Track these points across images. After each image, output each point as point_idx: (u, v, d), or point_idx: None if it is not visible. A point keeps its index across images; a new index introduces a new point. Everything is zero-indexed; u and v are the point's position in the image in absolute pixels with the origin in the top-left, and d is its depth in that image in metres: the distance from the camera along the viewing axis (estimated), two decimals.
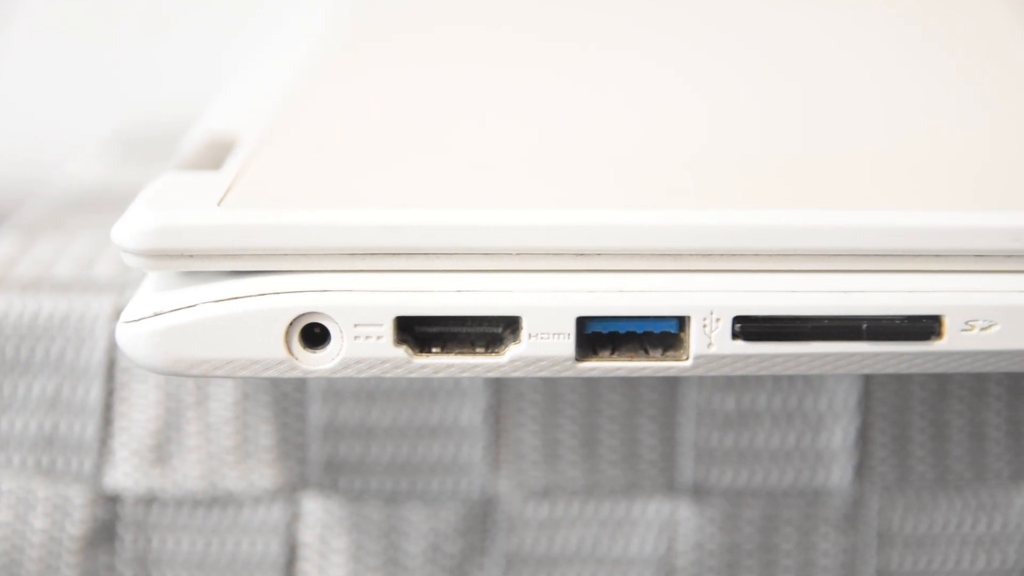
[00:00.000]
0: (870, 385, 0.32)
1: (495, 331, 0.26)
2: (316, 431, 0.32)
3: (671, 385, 0.32)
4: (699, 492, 0.32)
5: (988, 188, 0.28)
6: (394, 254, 0.26)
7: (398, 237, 0.26)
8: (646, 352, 0.27)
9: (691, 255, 0.26)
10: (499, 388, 0.32)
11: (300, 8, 0.41)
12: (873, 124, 0.31)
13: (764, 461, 0.32)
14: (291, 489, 0.32)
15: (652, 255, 0.26)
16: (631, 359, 0.27)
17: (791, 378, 0.32)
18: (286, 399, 0.32)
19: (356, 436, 0.32)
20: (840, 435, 0.32)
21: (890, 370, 0.27)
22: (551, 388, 0.32)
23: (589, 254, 0.26)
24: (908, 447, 0.32)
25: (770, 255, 0.26)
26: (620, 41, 0.36)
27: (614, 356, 0.27)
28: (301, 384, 0.32)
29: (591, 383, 0.32)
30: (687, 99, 0.33)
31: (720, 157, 0.29)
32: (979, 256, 0.26)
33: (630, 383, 0.32)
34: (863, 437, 0.32)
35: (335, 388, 0.32)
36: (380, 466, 0.32)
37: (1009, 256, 0.26)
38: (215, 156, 0.30)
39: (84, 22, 0.56)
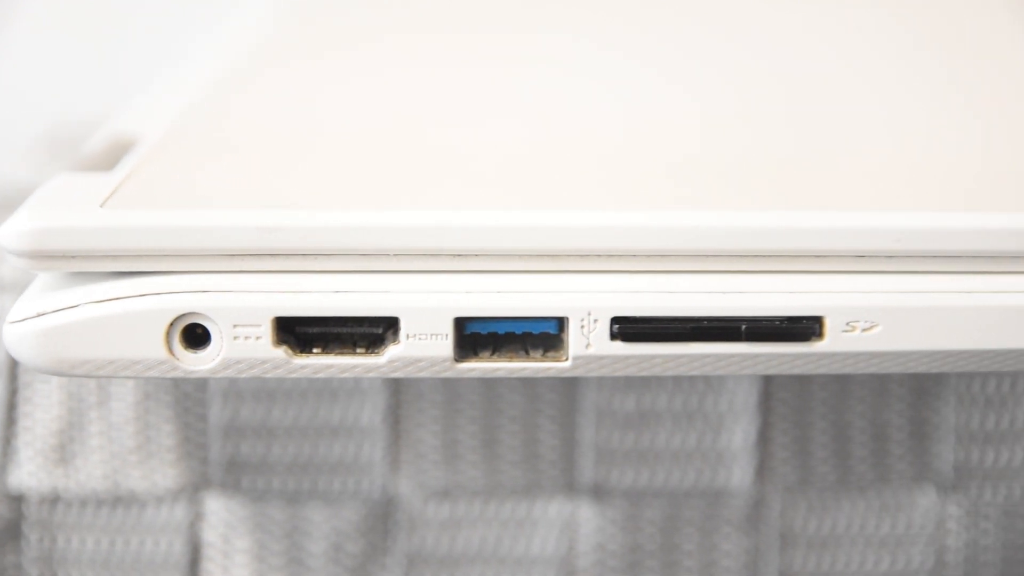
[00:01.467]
0: (770, 385, 0.32)
1: (375, 332, 0.26)
2: (218, 431, 0.32)
3: (571, 385, 0.32)
4: (599, 492, 0.32)
5: (890, 188, 0.28)
6: (272, 255, 0.26)
7: (275, 238, 0.26)
8: (527, 353, 0.27)
9: (570, 256, 0.26)
10: (398, 388, 0.32)
11: (231, 15, 0.41)
12: (783, 122, 0.31)
13: (665, 461, 0.32)
14: (193, 489, 0.32)
15: (531, 256, 0.26)
16: (511, 360, 0.27)
17: (691, 378, 0.32)
18: (187, 399, 0.32)
19: (257, 436, 0.32)
20: (741, 435, 0.32)
21: (772, 371, 0.26)
22: (451, 388, 0.32)
23: (466, 255, 0.26)
24: (809, 448, 0.32)
25: (648, 256, 0.26)
26: (534, 37, 0.36)
27: (494, 357, 0.27)
28: (202, 384, 0.32)
29: (490, 383, 0.32)
30: (599, 95, 0.33)
31: (617, 157, 0.29)
32: (860, 257, 0.26)
33: (529, 383, 0.32)
34: (764, 437, 0.32)
35: (236, 388, 0.32)
36: (282, 466, 0.32)
37: (891, 257, 0.26)
38: (111, 157, 0.30)
39: (29, 22, 0.56)
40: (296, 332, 0.27)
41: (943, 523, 0.33)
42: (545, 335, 0.26)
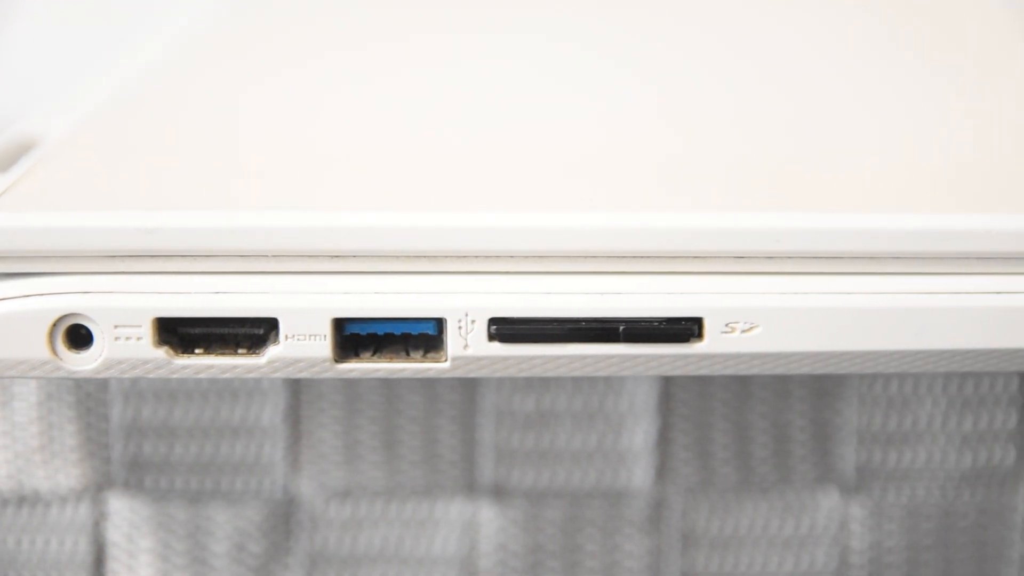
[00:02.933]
0: (670, 386, 0.32)
1: (257, 332, 0.26)
2: (120, 431, 0.32)
3: (471, 386, 0.32)
4: (500, 493, 0.32)
5: (777, 188, 0.28)
6: (153, 256, 0.26)
7: (155, 239, 0.26)
8: (408, 354, 0.27)
9: (448, 257, 0.26)
10: (299, 388, 0.32)
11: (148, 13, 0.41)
12: (680, 122, 0.31)
13: (565, 462, 0.32)
14: (97, 488, 0.33)
15: (409, 257, 0.26)
16: (391, 360, 0.27)
17: (591, 379, 0.32)
18: (89, 399, 0.32)
19: (159, 436, 0.32)
20: (641, 436, 0.32)
21: (652, 372, 0.26)
22: (351, 388, 0.32)
23: (344, 256, 0.26)
24: (711, 448, 0.32)
25: (526, 257, 0.26)
26: (464, 37, 0.36)
27: (375, 357, 0.27)
28: (104, 384, 0.32)
29: (390, 383, 0.32)
30: (509, 94, 0.32)
31: (501, 157, 0.29)
32: (740, 258, 0.26)
33: (428, 384, 0.32)
34: (664, 438, 0.32)
35: (137, 388, 0.32)
36: (184, 466, 0.32)
37: (771, 258, 0.26)
38: (9, 158, 0.30)
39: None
40: (179, 333, 0.27)
41: (846, 524, 0.33)
42: (425, 336, 0.27)
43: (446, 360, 0.26)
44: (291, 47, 0.37)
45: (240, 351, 0.27)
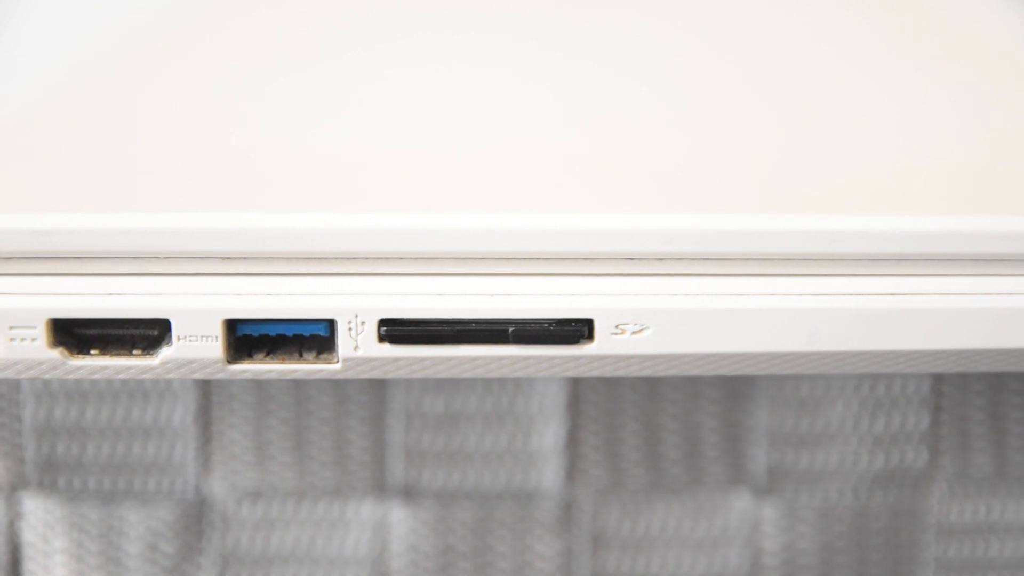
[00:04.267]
0: (579, 387, 0.32)
1: (151, 333, 0.27)
2: (32, 431, 0.32)
3: (380, 387, 0.32)
4: (410, 494, 0.32)
5: (672, 190, 0.28)
6: (48, 258, 0.26)
7: (48, 241, 0.26)
8: (302, 355, 0.27)
9: (338, 258, 0.26)
10: (210, 389, 0.32)
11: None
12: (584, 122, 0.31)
13: (475, 463, 0.32)
14: (11, 488, 0.33)
15: (301, 259, 0.26)
16: (282, 362, 0.27)
17: (500, 380, 0.32)
18: (2, 399, 0.32)
19: (72, 436, 0.32)
20: (550, 437, 0.32)
21: (544, 373, 0.27)
22: (262, 389, 0.32)
23: (236, 257, 0.26)
24: (621, 450, 0.32)
25: (416, 259, 0.26)
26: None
27: (267, 358, 0.27)
28: (16, 384, 0.32)
29: (302, 384, 0.32)
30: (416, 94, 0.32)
31: (395, 160, 0.29)
32: (630, 259, 0.26)
33: (339, 385, 0.32)
34: (574, 439, 0.32)
35: (50, 389, 0.32)
36: (96, 466, 0.32)
37: (661, 259, 0.26)
38: None
39: None
40: (75, 334, 0.27)
41: (759, 526, 0.33)
42: (318, 337, 0.27)
43: (337, 361, 0.27)
44: (187, 49, 0.36)
45: (135, 352, 0.27)
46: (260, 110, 0.31)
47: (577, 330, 0.26)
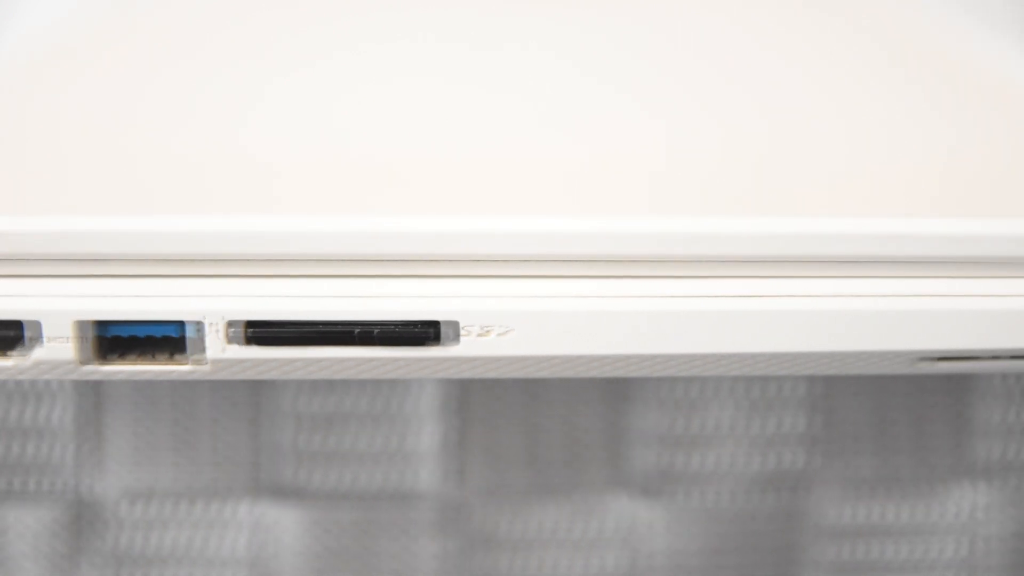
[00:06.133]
0: (459, 389, 0.32)
1: (8, 334, 0.27)
2: None
3: (263, 387, 0.32)
4: (291, 494, 0.33)
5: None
6: None
7: None
8: (170, 356, 0.27)
9: (190, 260, 0.26)
10: (96, 389, 0.32)
11: None
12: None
13: (357, 463, 0.32)
14: None
15: (155, 260, 0.26)
16: (136, 363, 0.27)
17: (379, 380, 0.32)
18: None
19: None
20: (429, 438, 0.32)
21: (413, 375, 0.27)
22: (147, 389, 0.32)
23: (93, 259, 0.26)
24: (501, 451, 0.32)
25: (268, 260, 0.26)
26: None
27: (122, 360, 0.27)
28: None
29: (189, 385, 0.32)
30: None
31: (256, 160, 0.29)
32: (494, 260, 0.26)
33: (225, 385, 0.32)
34: (453, 441, 0.32)
35: None
36: None
37: (525, 260, 0.26)
38: None
39: None
40: None
41: (636, 527, 0.33)
42: (173, 339, 0.27)
43: (188, 363, 0.27)
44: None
45: None
46: (125, 109, 0.31)
47: (424, 332, 0.26)
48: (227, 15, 0.37)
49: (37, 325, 0.26)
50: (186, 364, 0.27)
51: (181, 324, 0.26)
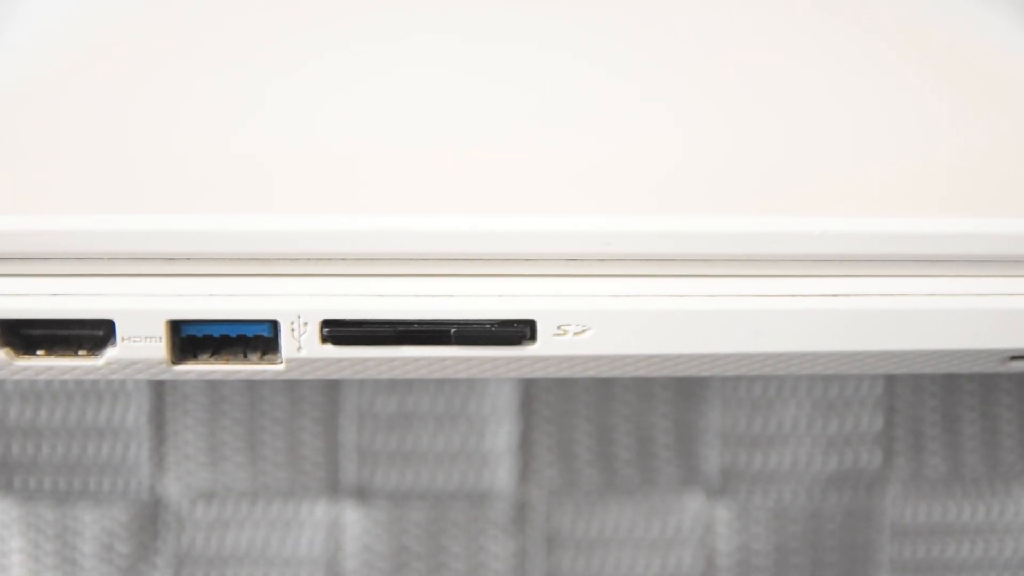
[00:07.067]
0: (532, 388, 0.32)
1: (97, 334, 0.27)
2: None
3: (333, 387, 0.32)
4: (364, 494, 0.33)
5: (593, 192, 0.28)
6: None
7: None
8: (247, 356, 0.27)
9: (281, 259, 0.26)
10: (164, 390, 0.32)
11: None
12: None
13: (428, 463, 0.32)
14: None
15: (243, 260, 0.26)
16: (227, 362, 0.27)
17: (453, 380, 0.32)
18: None
19: (27, 436, 0.32)
20: (503, 438, 0.32)
21: (487, 374, 0.27)
22: (216, 389, 0.32)
23: (179, 258, 0.26)
24: (574, 450, 0.32)
25: (358, 259, 0.26)
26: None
27: (211, 359, 0.27)
28: None
29: (255, 385, 0.32)
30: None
31: (339, 162, 0.29)
32: (572, 260, 0.26)
33: (292, 385, 0.32)
34: (527, 440, 0.32)
35: (4, 389, 0.32)
36: (51, 466, 0.32)
37: (602, 260, 0.26)
38: None
39: None
40: (22, 334, 0.27)
41: (712, 526, 0.33)
42: (262, 338, 0.27)
43: (280, 362, 0.27)
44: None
45: (80, 353, 0.27)
46: (200, 111, 0.31)
47: (519, 331, 0.26)
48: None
49: (129, 325, 0.26)
50: (278, 363, 0.27)
51: (275, 323, 0.26)
